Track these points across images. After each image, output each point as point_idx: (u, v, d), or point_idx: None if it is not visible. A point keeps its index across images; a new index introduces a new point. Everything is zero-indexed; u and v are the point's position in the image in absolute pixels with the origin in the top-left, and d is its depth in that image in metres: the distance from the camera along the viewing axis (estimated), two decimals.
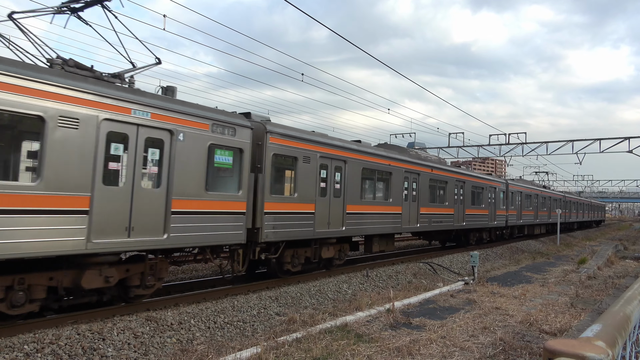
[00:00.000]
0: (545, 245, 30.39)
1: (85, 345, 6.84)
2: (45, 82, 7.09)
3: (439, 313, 9.97)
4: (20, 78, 6.78)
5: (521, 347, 7.58)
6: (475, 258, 14.94)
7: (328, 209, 12.90)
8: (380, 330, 8.37)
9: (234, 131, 10.14)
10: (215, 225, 9.75)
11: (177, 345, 7.64)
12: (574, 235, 42.62)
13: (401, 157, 16.88)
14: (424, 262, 17.51)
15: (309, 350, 6.94)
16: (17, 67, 6.87)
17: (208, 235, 9.64)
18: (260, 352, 6.68)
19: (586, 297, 12.16)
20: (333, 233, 13.13)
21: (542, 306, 10.89)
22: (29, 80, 6.88)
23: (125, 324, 7.72)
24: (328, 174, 12.99)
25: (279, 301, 10.48)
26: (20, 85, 6.79)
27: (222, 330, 8.58)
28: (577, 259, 22.19)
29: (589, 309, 10.44)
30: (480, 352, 7.26)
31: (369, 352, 7.00)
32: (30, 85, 6.89)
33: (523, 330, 8.72)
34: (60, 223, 7.24)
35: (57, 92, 7.22)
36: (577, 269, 18.70)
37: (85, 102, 7.60)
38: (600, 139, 32.48)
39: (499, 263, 21.01)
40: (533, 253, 25.74)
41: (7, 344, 6.44)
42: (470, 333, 8.35)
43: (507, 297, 11.90)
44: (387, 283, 13.98)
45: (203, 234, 9.51)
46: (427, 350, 7.23)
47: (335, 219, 13.14)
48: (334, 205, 13.14)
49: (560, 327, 8.93)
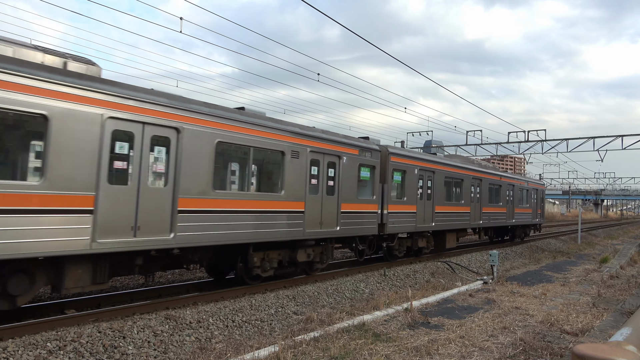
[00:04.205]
0: (566, 244, 29.91)
1: (106, 343, 6.93)
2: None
3: (458, 312, 9.87)
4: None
5: (542, 347, 7.45)
6: (494, 257, 14.76)
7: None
8: (398, 329, 8.32)
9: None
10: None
11: (196, 343, 7.69)
12: (595, 234, 41.87)
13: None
14: (442, 262, 17.38)
15: (326, 349, 6.92)
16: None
17: (361, 229, 13.63)
18: (278, 351, 6.68)
19: (609, 297, 11.91)
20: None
21: (563, 306, 10.71)
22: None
23: (145, 322, 7.80)
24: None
25: (297, 300, 10.49)
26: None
27: (240, 329, 8.62)
28: (599, 257, 21.78)
29: (612, 309, 10.23)
30: (500, 352, 7.16)
31: (387, 351, 6.96)
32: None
33: (544, 330, 8.57)
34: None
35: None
36: (599, 268, 18.35)
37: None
38: (622, 136, 31.82)
39: (519, 262, 20.74)
40: (553, 252, 25.35)
41: (31, 341, 6.56)
42: (490, 333, 8.25)
43: (527, 297, 11.72)
44: (404, 282, 13.90)
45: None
46: (446, 350, 7.16)
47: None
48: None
49: (582, 327, 8.76)
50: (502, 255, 20.83)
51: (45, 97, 6.99)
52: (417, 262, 16.65)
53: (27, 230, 6.77)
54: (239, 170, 11.36)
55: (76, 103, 7.35)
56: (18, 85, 6.72)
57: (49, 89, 7.04)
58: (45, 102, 6.98)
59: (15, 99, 6.68)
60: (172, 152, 8.78)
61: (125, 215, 7.97)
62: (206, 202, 9.31)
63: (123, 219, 7.93)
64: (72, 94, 7.31)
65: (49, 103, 7.02)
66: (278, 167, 11.21)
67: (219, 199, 9.58)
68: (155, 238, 8.40)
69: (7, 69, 6.63)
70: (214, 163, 9.47)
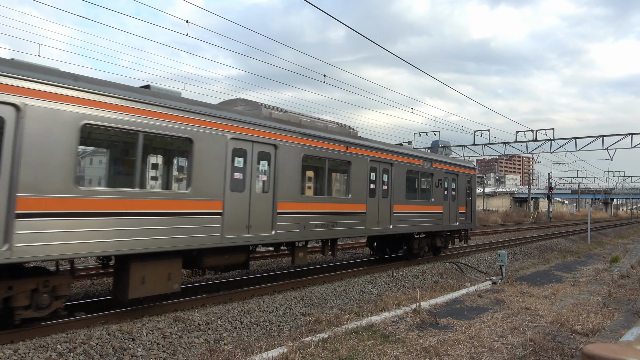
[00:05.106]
0: (575, 244, 29.67)
1: (116, 345, 6.97)
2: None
3: (467, 313, 9.82)
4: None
5: (552, 348, 7.40)
6: (503, 257, 14.68)
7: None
8: (407, 330, 8.29)
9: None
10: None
11: (205, 345, 7.71)
12: (605, 233, 41.50)
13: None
14: (451, 262, 17.30)
15: (335, 350, 6.91)
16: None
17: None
18: (287, 352, 6.69)
19: (619, 297, 11.80)
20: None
21: (573, 306, 10.63)
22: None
23: (154, 324, 7.83)
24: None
25: (305, 301, 10.49)
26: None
27: (248, 331, 8.63)
28: (609, 257, 21.60)
29: (623, 309, 10.13)
30: (510, 353, 7.11)
31: (396, 352, 6.94)
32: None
33: (554, 330, 8.51)
34: None
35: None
36: (609, 267, 18.19)
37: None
38: (632, 134, 31.56)
39: (528, 262, 20.60)
40: (563, 252, 25.15)
41: (41, 343, 6.61)
42: (499, 333, 8.20)
43: (537, 297, 11.64)
44: (413, 283, 13.85)
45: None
46: (455, 351, 7.13)
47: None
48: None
49: (592, 327, 8.69)
50: (510, 255, 20.71)
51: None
52: (425, 263, 16.58)
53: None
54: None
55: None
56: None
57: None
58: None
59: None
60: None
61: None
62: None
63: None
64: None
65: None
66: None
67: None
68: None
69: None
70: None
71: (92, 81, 7.51)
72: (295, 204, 10.97)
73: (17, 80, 6.59)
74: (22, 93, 6.63)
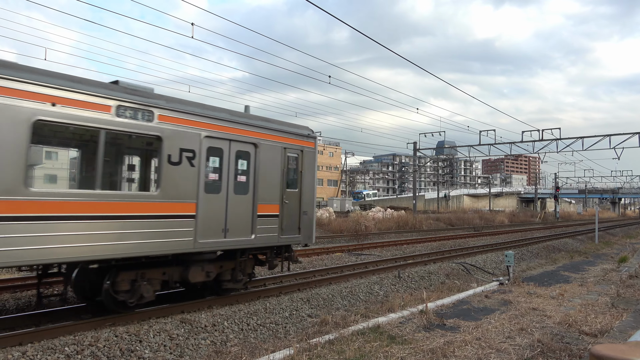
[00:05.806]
0: (583, 244, 29.48)
1: (123, 347, 6.99)
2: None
3: (474, 314, 9.78)
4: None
5: (560, 348, 7.35)
6: (510, 257, 14.62)
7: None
8: (414, 331, 8.27)
9: None
10: None
11: (212, 347, 7.73)
12: (613, 233, 41.22)
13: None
14: (457, 263, 17.25)
15: (341, 352, 6.91)
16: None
17: None
18: (293, 354, 6.69)
19: (628, 297, 11.71)
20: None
21: (581, 306, 10.56)
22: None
23: (160, 326, 7.86)
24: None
25: (311, 303, 10.49)
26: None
27: (255, 332, 8.64)
28: (617, 257, 21.45)
29: (631, 309, 10.05)
30: (518, 354, 7.07)
31: (403, 354, 6.92)
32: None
33: (562, 331, 8.46)
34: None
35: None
36: (617, 267, 18.06)
37: None
38: (639, 133, 31.34)
39: (535, 262, 20.50)
40: (570, 252, 25.00)
41: (49, 345, 6.64)
42: (507, 334, 8.16)
43: (545, 297, 11.58)
44: (419, 284, 13.82)
45: None
46: (462, 352, 7.09)
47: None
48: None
49: (600, 328, 8.62)
50: (517, 255, 20.61)
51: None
52: (431, 264, 16.54)
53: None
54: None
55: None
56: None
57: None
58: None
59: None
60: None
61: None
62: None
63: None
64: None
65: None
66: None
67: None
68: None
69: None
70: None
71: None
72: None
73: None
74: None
